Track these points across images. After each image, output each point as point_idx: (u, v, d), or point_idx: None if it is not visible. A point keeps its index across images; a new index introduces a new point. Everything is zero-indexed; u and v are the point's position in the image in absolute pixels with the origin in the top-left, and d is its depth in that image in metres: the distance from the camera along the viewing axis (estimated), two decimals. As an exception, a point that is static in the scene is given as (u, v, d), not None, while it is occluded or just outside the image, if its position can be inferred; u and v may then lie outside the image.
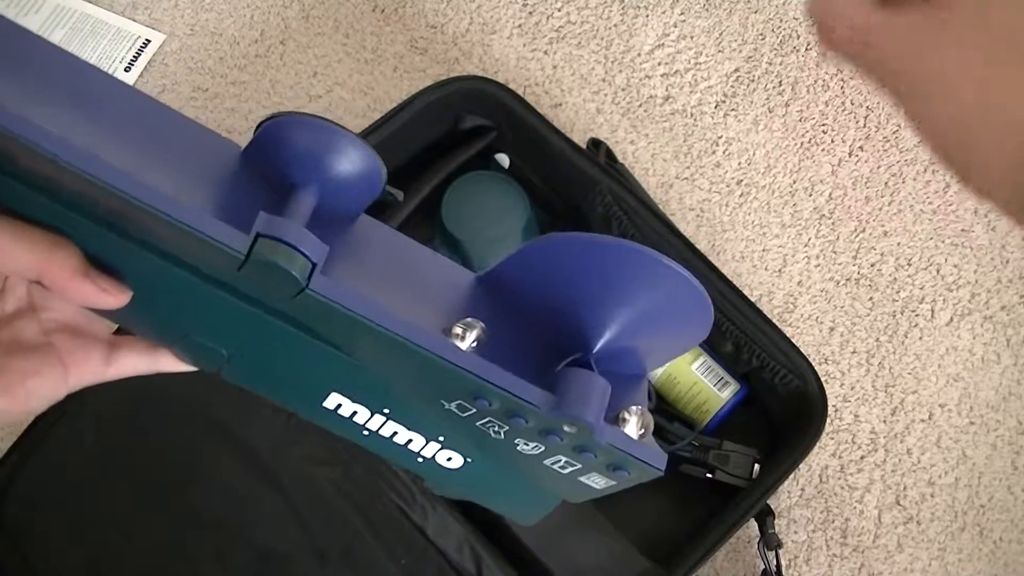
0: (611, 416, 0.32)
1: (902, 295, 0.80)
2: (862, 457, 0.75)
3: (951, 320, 0.79)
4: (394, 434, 0.37)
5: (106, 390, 0.39)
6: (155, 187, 0.29)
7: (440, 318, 0.33)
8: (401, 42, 0.87)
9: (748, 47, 0.88)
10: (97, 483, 0.60)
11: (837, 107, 0.86)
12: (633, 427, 0.32)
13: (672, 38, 0.88)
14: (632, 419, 0.32)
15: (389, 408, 0.36)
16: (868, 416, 0.76)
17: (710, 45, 0.88)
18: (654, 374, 0.72)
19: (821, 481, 0.74)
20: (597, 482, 0.35)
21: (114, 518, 0.59)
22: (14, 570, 0.58)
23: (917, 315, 0.79)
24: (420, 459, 0.39)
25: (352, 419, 0.37)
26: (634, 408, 0.32)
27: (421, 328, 0.31)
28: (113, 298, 0.33)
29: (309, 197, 0.32)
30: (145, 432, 0.62)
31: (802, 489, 0.74)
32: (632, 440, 0.32)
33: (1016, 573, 0.72)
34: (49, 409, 0.36)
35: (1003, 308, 0.80)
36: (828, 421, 0.69)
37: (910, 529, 0.73)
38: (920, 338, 0.79)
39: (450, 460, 0.38)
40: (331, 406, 0.37)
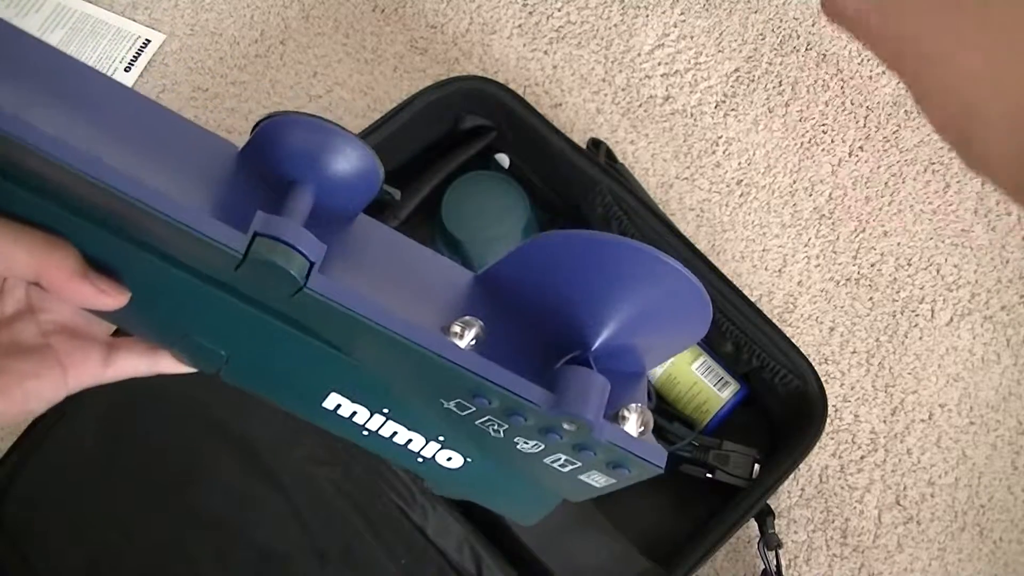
0: (611, 414, 0.32)
1: (902, 295, 0.80)
2: (862, 457, 0.75)
3: (951, 320, 0.79)
4: (394, 434, 0.37)
5: (105, 391, 0.39)
6: (152, 187, 0.29)
7: (438, 317, 0.33)
8: (401, 42, 0.87)
9: (748, 47, 0.88)
10: (97, 483, 0.60)
11: (837, 107, 0.86)
12: (633, 424, 0.32)
13: (672, 38, 0.88)
14: (632, 416, 0.32)
15: (389, 408, 0.36)
16: (868, 416, 0.76)
17: (710, 45, 0.88)
18: (654, 374, 0.72)
19: (821, 481, 0.74)
20: (597, 480, 0.35)
21: (114, 518, 0.59)
22: (14, 570, 0.58)
23: (917, 315, 0.79)
24: (420, 459, 0.39)
25: (352, 419, 0.37)
26: (634, 406, 0.32)
27: (419, 326, 0.31)
28: (112, 299, 0.33)
29: (307, 196, 0.32)
30: (145, 432, 0.61)
31: (802, 489, 0.74)
32: (632, 437, 0.32)
33: (1016, 573, 0.72)
34: (48, 410, 0.35)
35: (1003, 308, 0.80)
36: (828, 421, 0.69)
37: (910, 529, 0.73)
38: (920, 338, 0.79)
39: (450, 460, 0.38)
40: (331, 406, 0.37)
